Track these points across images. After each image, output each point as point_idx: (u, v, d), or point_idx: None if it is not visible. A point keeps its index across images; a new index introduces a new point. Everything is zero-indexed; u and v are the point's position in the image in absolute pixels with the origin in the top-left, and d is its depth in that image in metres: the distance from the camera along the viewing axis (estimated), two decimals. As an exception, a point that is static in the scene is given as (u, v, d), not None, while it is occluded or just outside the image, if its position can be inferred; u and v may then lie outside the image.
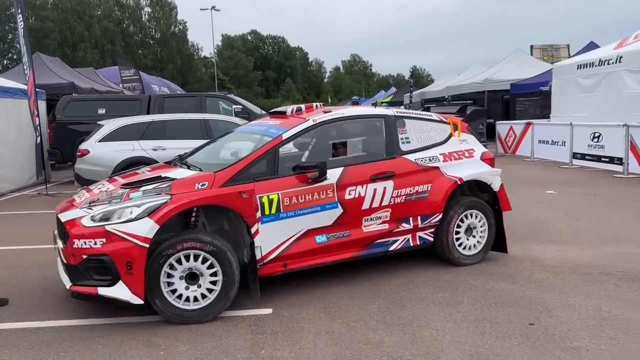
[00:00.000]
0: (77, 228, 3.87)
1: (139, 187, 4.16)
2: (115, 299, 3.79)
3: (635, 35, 13.23)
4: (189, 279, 3.95)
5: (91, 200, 4.15)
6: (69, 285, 3.94)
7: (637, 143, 10.82)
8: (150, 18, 70.75)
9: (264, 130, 4.85)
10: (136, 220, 3.80)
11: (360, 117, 5.21)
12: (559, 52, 28.66)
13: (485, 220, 5.24)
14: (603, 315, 3.85)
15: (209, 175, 4.16)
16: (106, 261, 3.76)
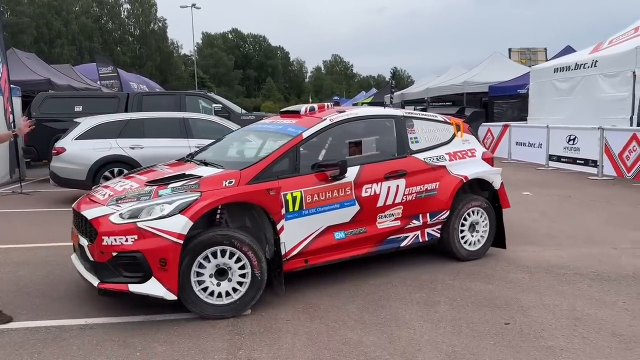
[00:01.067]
0: (107, 225, 3.86)
1: (167, 184, 4.17)
2: (148, 295, 3.78)
3: (610, 40, 13.52)
4: (217, 274, 3.99)
5: (118, 198, 4.13)
6: (96, 282, 3.89)
7: (611, 146, 11.06)
8: (130, 15, 69.90)
9: (281, 129, 4.93)
10: (169, 217, 3.82)
11: (373, 117, 5.36)
12: (537, 55, 29.17)
13: (487, 217, 5.45)
14: (577, 315, 3.92)
15: (235, 172, 4.22)
16: (138, 258, 3.76)
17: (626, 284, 4.59)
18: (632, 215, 7.44)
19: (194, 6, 44.97)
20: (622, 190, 9.60)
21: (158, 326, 3.83)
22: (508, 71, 21.40)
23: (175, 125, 9.32)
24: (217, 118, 10.16)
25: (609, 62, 12.40)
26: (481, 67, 23.64)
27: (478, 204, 5.41)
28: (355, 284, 4.65)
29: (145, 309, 4.10)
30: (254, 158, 4.59)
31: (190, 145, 9.10)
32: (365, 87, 76.17)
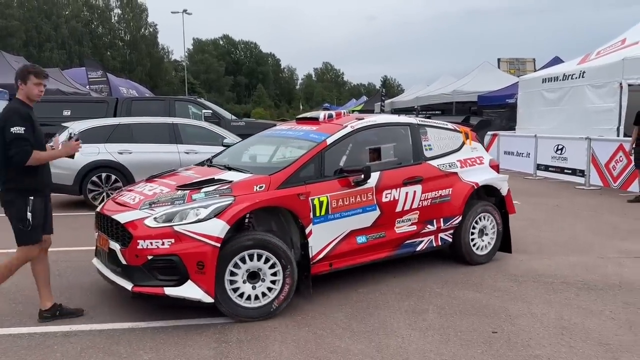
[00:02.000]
0: (142, 229, 3.87)
1: (199, 188, 4.22)
2: (184, 298, 3.80)
3: (598, 51, 13.69)
4: (249, 277, 4.03)
5: (151, 202, 4.15)
6: (130, 286, 3.88)
7: (598, 156, 11.17)
8: (120, 20, 69.71)
9: (302, 136, 5.04)
10: (205, 221, 3.86)
11: (390, 124, 5.48)
12: (525, 65, 29.47)
13: (494, 223, 5.62)
14: (564, 324, 3.93)
15: (265, 177, 4.28)
16: (175, 261, 3.79)
17: (612, 293, 4.62)
18: (619, 225, 7.50)
19: (185, 12, 44.93)
20: (608, 200, 9.69)
21: (143, 333, 3.79)
22: (497, 81, 21.60)
23: (165, 130, 9.27)
24: (206, 124, 10.12)
25: (597, 73, 12.54)
26: (470, 77, 23.85)
27: (487, 210, 5.58)
28: (344, 292, 4.64)
29: (131, 316, 4.06)
30: (281, 163, 4.65)
31: (179, 150, 9.07)
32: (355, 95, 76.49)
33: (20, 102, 3.86)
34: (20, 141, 3.67)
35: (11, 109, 3.79)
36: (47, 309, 4.01)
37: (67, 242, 6.39)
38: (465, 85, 22.75)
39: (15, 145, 3.66)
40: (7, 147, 3.68)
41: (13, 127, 3.65)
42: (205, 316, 4.07)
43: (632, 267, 5.41)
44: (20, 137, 3.66)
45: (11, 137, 3.65)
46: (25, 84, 3.84)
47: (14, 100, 3.90)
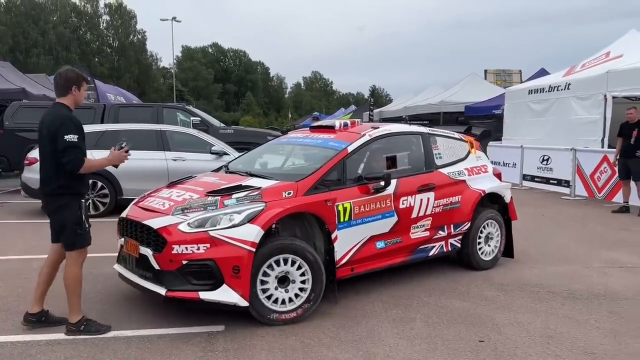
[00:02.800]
0: (176, 234, 3.90)
1: (230, 195, 4.28)
2: (219, 302, 3.86)
3: (583, 64, 13.88)
4: (279, 282, 4.10)
5: (183, 207, 4.19)
6: (163, 291, 3.90)
7: (583, 167, 11.30)
8: (109, 26, 69.48)
9: (322, 143, 5.17)
10: (240, 226, 3.92)
11: (404, 133, 5.66)
12: (512, 77, 29.84)
13: (499, 229, 5.83)
14: (550, 333, 3.96)
15: (293, 184, 4.38)
16: (210, 266, 3.84)
17: (597, 302, 4.66)
18: (603, 235, 7.59)
19: (175, 19, 44.90)
20: (593, 210, 9.81)
21: (128, 342, 3.74)
22: (484, 92, 21.80)
23: (152, 137, 9.21)
24: (195, 131, 10.08)
25: (582, 85, 12.71)
26: (458, 87, 24.05)
27: (493, 216, 5.78)
28: (331, 300, 4.62)
29: (116, 325, 4.01)
30: (306, 170, 4.73)
31: (167, 157, 9.02)
32: (344, 104, 76.64)
33: (67, 108, 3.87)
34: (74, 149, 3.70)
35: (64, 116, 3.78)
36: (34, 313, 3.96)
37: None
38: (452, 96, 22.93)
39: (69, 153, 3.69)
40: (60, 154, 3.70)
41: (67, 135, 3.67)
42: (192, 325, 4.04)
43: (617, 276, 5.47)
44: (73, 145, 3.70)
45: (65, 144, 3.67)
46: (79, 90, 3.89)
47: (60, 105, 3.87)
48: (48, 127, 3.76)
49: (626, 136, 9.42)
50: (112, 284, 5.10)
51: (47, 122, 3.80)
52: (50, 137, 3.73)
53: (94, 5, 68.63)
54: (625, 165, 9.45)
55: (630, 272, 5.63)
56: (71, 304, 3.86)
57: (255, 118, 76.50)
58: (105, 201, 8.92)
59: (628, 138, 9.36)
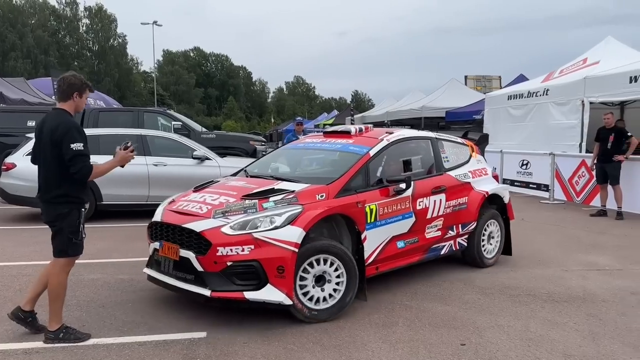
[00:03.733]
0: (220, 237, 4.02)
1: (267, 198, 4.41)
2: (265, 301, 3.99)
3: (561, 70, 14.12)
4: (315, 281, 4.25)
5: (223, 211, 4.29)
6: (208, 292, 3.98)
7: (562, 171, 11.48)
8: (88, 30, 68.71)
9: (341, 148, 5.38)
10: (282, 228, 4.06)
11: (416, 138, 5.94)
12: (491, 82, 30.18)
13: (499, 228, 6.17)
14: (530, 336, 4.00)
15: (324, 187, 4.57)
16: (255, 266, 3.97)
17: (576, 305, 4.73)
18: (582, 239, 7.71)
19: (156, 23, 44.61)
20: (572, 214, 9.96)
21: (108, 350, 3.69)
22: (464, 97, 21.99)
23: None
24: (176, 136, 10.01)
25: (560, 90, 12.93)
26: (439, 93, 24.25)
27: (493, 216, 6.10)
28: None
29: (95, 332, 3.96)
30: (334, 174, 4.88)
31: (147, 162, 8.93)
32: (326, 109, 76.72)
33: (68, 114, 3.83)
34: (82, 157, 3.68)
35: (67, 123, 3.74)
36: (26, 311, 3.90)
37: (28, 257, 6.22)
38: (433, 101, 23.10)
39: (77, 161, 3.66)
40: (68, 164, 3.67)
41: (73, 144, 3.64)
42: (173, 332, 4.00)
43: (595, 279, 5.55)
44: (81, 154, 3.67)
45: (72, 153, 3.64)
46: (80, 97, 3.87)
47: (61, 111, 3.83)
48: (50, 134, 3.70)
49: (603, 141, 9.60)
50: (92, 290, 5.04)
51: (49, 128, 3.74)
52: (53, 144, 3.68)
53: (74, 9, 67.90)
54: (603, 169, 9.62)
55: (608, 275, 5.73)
56: (52, 311, 3.80)
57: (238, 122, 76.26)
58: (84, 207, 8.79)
59: (605, 143, 9.54)
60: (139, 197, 8.93)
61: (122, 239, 7.49)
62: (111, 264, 6.09)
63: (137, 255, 6.43)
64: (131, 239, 7.48)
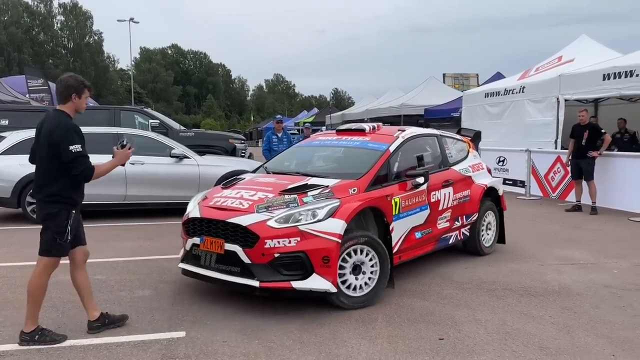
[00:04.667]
0: (267, 230, 4.23)
1: (305, 192, 4.64)
2: (311, 290, 4.22)
3: (537, 67, 14.32)
4: (352, 270, 4.50)
5: (266, 205, 4.49)
6: (257, 283, 4.19)
7: (538, 167, 11.67)
8: (63, 27, 67.51)
9: (360, 145, 5.66)
10: (324, 220, 4.29)
11: (425, 135, 6.24)
12: (469, 80, 30.47)
13: (495, 219, 6.62)
14: (507, 330, 4.06)
15: (355, 182, 4.85)
16: (302, 257, 4.20)
17: (552, 298, 4.81)
18: (557, 234, 7.85)
19: (132, 20, 43.98)
20: (547, 210, 10.13)
21: (85, 352, 3.64)
22: (442, 95, 22.20)
23: (109, 140, 8.91)
24: (153, 134, 9.89)
25: (536, 88, 13.11)
26: (417, 91, 24.42)
27: (490, 208, 6.54)
28: (294, 303, 4.61)
29: (71, 333, 3.90)
30: (360, 169, 5.10)
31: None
32: (307, 107, 76.78)
33: (67, 115, 3.81)
34: (82, 158, 3.68)
35: (65, 124, 3.72)
36: (96, 319, 3.97)
37: (2, 258, 6.10)
38: (412, 99, 23.25)
39: (78, 163, 3.67)
40: (70, 166, 3.66)
41: (72, 146, 3.64)
42: (151, 332, 3.96)
43: (570, 273, 5.66)
44: (81, 155, 3.67)
45: (72, 155, 3.64)
46: (79, 98, 3.85)
47: (59, 113, 3.80)
48: (48, 135, 3.69)
49: (578, 137, 9.78)
50: (68, 292, 4.95)
51: (47, 129, 3.73)
52: (50, 145, 3.67)
53: (48, 5, 66.65)
54: (578, 165, 9.81)
55: (583, 269, 5.85)
56: (30, 311, 3.76)
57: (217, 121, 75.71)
58: (60, 207, 8.65)
59: (580, 139, 9.72)
60: (115, 197, 8.81)
61: (98, 239, 7.37)
62: (88, 264, 5.97)
63: (114, 255, 6.36)
64: (108, 239, 7.38)
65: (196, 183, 9.00)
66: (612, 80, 10.58)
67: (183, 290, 4.99)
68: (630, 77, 10.15)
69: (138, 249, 6.79)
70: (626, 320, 4.25)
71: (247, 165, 10.02)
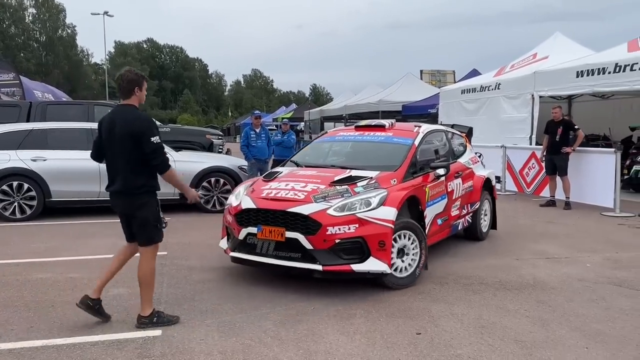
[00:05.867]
0: (328, 218, 4.59)
1: (354, 183, 5.03)
2: (369, 271, 4.63)
3: (512, 64, 14.51)
4: (397, 253, 4.86)
5: (322, 195, 4.84)
6: (320, 267, 4.56)
7: (513, 163, 11.83)
8: (35, 20, 65.88)
9: (385, 140, 6.11)
10: (377, 208, 4.68)
11: (437, 130, 6.74)
12: (446, 77, 30.73)
13: (490, 206, 7.27)
14: (483, 324, 4.11)
15: (393, 173, 5.32)
16: (361, 242, 4.59)
17: (527, 292, 4.88)
18: (532, 228, 7.97)
19: (106, 13, 43.20)
20: (522, 205, 10.29)
21: (58, 352, 3.56)
22: (420, 91, 22.33)
23: (82, 136, 8.77)
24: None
25: (511, 85, 13.28)
26: (395, 87, 24.53)
27: (487, 197, 7.15)
28: (272, 300, 4.60)
29: (44, 333, 3.82)
30: (394, 162, 5.55)
31: (99, 157, 8.64)
32: (285, 103, 76.46)
33: (137, 108, 3.95)
34: (162, 150, 3.85)
35: (143, 117, 3.89)
36: (94, 298, 4.03)
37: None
38: (390, 95, 23.34)
39: (158, 154, 3.81)
40: (151, 156, 3.80)
41: (153, 137, 3.78)
42: (127, 331, 3.90)
43: (545, 267, 5.75)
44: (161, 147, 3.83)
45: (154, 147, 3.78)
46: (141, 90, 3.96)
47: (131, 108, 3.91)
48: (128, 128, 3.78)
49: (552, 134, 9.93)
50: (41, 290, 4.86)
51: (124, 123, 3.82)
52: (133, 137, 3.77)
53: (19, -3, 64.93)
54: (552, 161, 9.97)
55: (557, 263, 5.95)
56: (146, 297, 3.98)
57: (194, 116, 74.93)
58: (32, 204, 8.46)
59: (554, 135, 9.87)
60: (89, 194, 8.65)
61: (72, 237, 7.25)
62: (61, 262, 5.89)
63: (88, 253, 6.25)
64: (81, 236, 7.25)
65: (173, 179, 8.88)
66: (586, 77, 10.78)
67: (158, 288, 4.92)
68: (603, 74, 10.36)
69: (113, 246, 6.66)
70: (599, 313, 4.33)
71: (225, 161, 9.95)
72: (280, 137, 11.04)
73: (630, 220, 8.58)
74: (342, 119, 28.84)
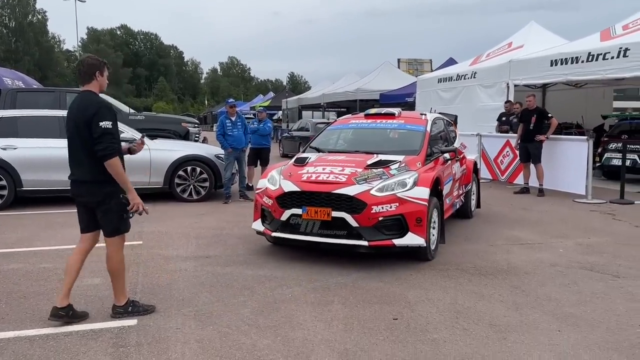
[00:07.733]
0: (372, 198, 5.01)
1: (388, 166, 5.46)
2: (408, 245, 5.10)
3: (487, 53, 14.64)
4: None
5: (362, 178, 5.23)
6: (366, 243, 4.99)
7: (488, 151, 11.97)
8: (4, 5, 63.89)
9: (398, 127, 6.61)
10: (412, 188, 5.13)
11: (439, 118, 7.27)
12: (423, 66, 30.94)
13: (476, 188, 8.11)
14: (458, 308, 4.16)
15: (417, 157, 5.82)
16: (401, 219, 5.04)
17: (501, 277, 4.96)
18: (506, 215, 8.10)
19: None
20: (497, 192, 10.44)
21: (31, 343, 3.49)
22: (397, 80, 22.42)
23: (54, 124, 8.55)
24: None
25: (486, 74, 13.41)
26: (373, 76, 24.57)
27: (474, 179, 7.89)
28: (250, 288, 4.59)
29: (16, 324, 3.74)
30: (413, 147, 6.06)
31: (71, 146, 8.46)
32: (262, 91, 75.97)
33: (95, 94, 3.81)
34: (109, 136, 3.65)
35: (98, 101, 3.73)
36: (64, 307, 3.81)
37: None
38: (368, 84, 23.38)
39: (103, 140, 3.62)
40: (95, 142, 3.63)
41: (103, 122, 3.63)
42: (101, 321, 3.84)
43: (519, 253, 5.85)
44: (110, 134, 3.65)
45: (100, 131, 3.62)
46: (102, 76, 3.85)
47: (89, 93, 3.78)
48: (83, 115, 3.65)
49: (526, 122, 10.07)
50: (12, 281, 4.76)
51: (79, 109, 3.71)
52: (86, 124, 3.64)
53: (-14, -19, 62.92)
54: (526, 149, 10.12)
55: (530, 249, 6.06)
56: (119, 287, 3.92)
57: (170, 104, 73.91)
58: (2, 194, 8.27)
59: (528, 124, 10.01)
60: (62, 183, 8.41)
61: (44, 227, 7.11)
62: (33, 252, 5.77)
63: (59, 243, 6.13)
64: (54, 226, 7.11)
65: (147, 167, 8.77)
66: (560, 66, 10.95)
67: (134, 278, 4.86)
68: (576, 63, 10.53)
69: (87, 236, 6.56)
70: (571, 297, 4.43)
71: (201, 149, 9.83)
72: (256, 125, 10.95)
73: (601, 206, 8.78)
74: (320, 108, 28.78)
